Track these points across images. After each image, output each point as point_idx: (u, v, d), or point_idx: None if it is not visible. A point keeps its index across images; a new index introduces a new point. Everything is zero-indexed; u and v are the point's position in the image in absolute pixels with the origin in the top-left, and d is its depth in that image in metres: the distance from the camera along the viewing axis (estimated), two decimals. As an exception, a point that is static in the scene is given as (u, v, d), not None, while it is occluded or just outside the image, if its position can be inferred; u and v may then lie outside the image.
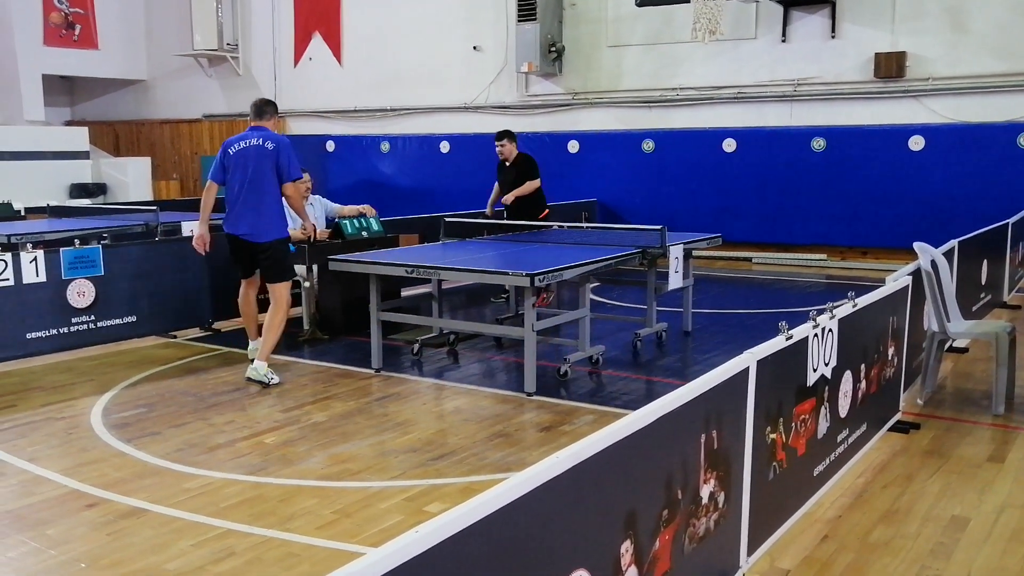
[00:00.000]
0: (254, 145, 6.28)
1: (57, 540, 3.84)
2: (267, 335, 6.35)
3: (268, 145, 6.26)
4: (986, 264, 8.01)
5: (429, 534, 1.71)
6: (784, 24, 12.43)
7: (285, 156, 6.26)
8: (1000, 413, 5.51)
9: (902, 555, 3.63)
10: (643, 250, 6.89)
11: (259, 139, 6.29)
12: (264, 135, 6.33)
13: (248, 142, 6.30)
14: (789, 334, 3.42)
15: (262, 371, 6.28)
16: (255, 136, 6.32)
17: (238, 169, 6.29)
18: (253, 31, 17.57)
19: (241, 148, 6.31)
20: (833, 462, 4.16)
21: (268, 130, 6.41)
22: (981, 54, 11.32)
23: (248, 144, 6.30)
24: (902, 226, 11.57)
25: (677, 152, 13.25)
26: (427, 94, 15.63)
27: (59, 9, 17.83)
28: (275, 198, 6.34)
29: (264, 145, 6.26)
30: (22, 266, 6.63)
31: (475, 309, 9.47)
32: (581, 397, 5.99)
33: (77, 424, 5.48)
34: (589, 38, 14.01)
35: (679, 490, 2.69)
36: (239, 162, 6.29)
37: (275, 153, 6.24)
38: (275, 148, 6.25)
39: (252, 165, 6.24)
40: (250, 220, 6.29)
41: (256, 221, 6.29)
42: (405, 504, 4.20)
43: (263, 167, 6.24)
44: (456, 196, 14.70)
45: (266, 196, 6.29)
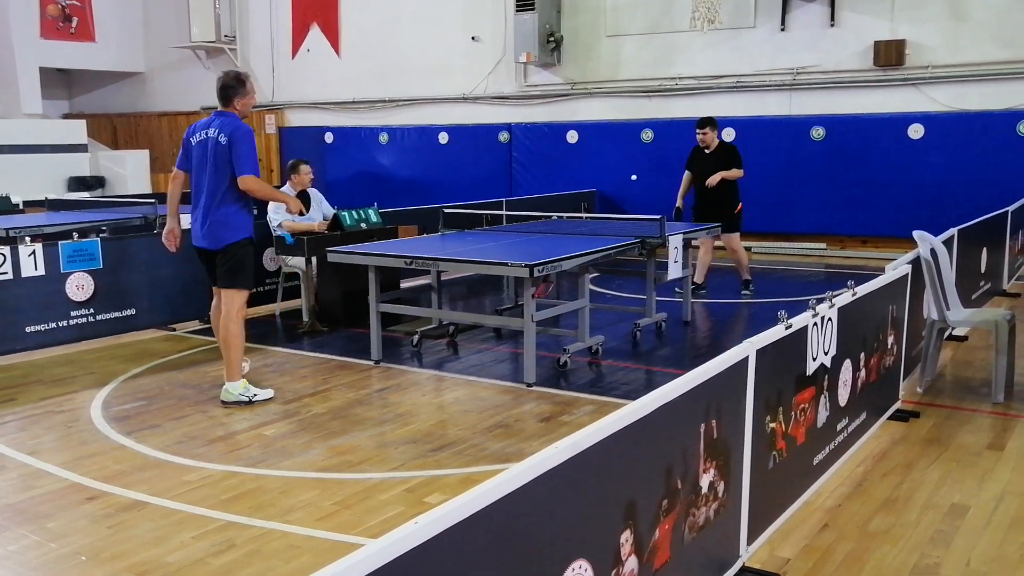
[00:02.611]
0: (210, 138, 5.51)
1: (58, 533, 3.84)
2: (225, 352, 5.67)
3: (222, 139, 5.44)
4: (986, 252, 8.00)
5: (428, 525, 1.71)
6: (783, 12, 12.38)
7: (237, 149, 5.42)
8: (1000, 401, 5.51)
9: (902, 543, 3.63)
10: (642, 240, 6.89)
11: (216, 130, 5.49)
12: (222, 125, 5.50)
13: (206, 133, 5.55)
14: (788, 323, 3.42)
15: (235, 392, 5.64)
16: (214, 126, 5.53)
17: (196, 167, 5.61)
18: (251, 23, 17.52)
19: (200, 140, 5.58)
20: (833, 451, 4.16)
21: (231, 118, 5.56)
22: (981, 42, 11.28)
23: (206, 136, 5.54)
24: (902, 214, 11.55)
25: (676, 142, 13.18)
26: (425, 85, 15.59)
27: (56, 2, 17.78)
28: (234, 199, 5.53)
29: (218, 139, 5.46)
30: (21, 260, 6.62)
31: (474, 300, 9.46)
32: (581, 387, 5.99)
33: (77, 417, 5.48)
34: (588, 28, 13.97)
35: (679, 480, 2.69)
36: (198, 158, 5.58)
37: (227, 148, 5.43)
38: (227, 142, 5.43)
39: (209, 163, 5.51)
40: (207, 226, 5.58)
41: (213, 227, 5.56)
42: (405, 495, 4.20)
43: (218, 165, 5.47)
44: (455, 187, 14.69)
45: (223, 197, 5.51)
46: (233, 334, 5.64)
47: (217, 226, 5.54)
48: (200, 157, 5.56)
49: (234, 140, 5.42)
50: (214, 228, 5.55)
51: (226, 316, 5.64)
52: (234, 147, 5.42)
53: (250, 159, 5.47)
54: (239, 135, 5.44)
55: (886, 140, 11.86)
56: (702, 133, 9.03)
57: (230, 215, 5.56)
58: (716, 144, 9.10)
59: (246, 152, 5.44)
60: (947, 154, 11.52)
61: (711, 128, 9.04)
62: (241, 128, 5.50)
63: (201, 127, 5.61)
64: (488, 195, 13.40)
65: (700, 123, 9.08)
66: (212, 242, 5.59)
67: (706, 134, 9.02)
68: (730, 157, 9.03)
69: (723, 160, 8.99)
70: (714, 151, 9.07)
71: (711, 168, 8.97)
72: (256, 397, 5.67)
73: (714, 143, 9.08)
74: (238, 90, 5.59)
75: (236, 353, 5.67)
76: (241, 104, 5.61)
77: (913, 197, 11.71)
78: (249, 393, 5.66)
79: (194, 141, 5.61)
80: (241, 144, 5.42)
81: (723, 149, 9.13)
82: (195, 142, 5.60)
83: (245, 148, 5.44)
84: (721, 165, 8.95)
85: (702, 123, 9.06)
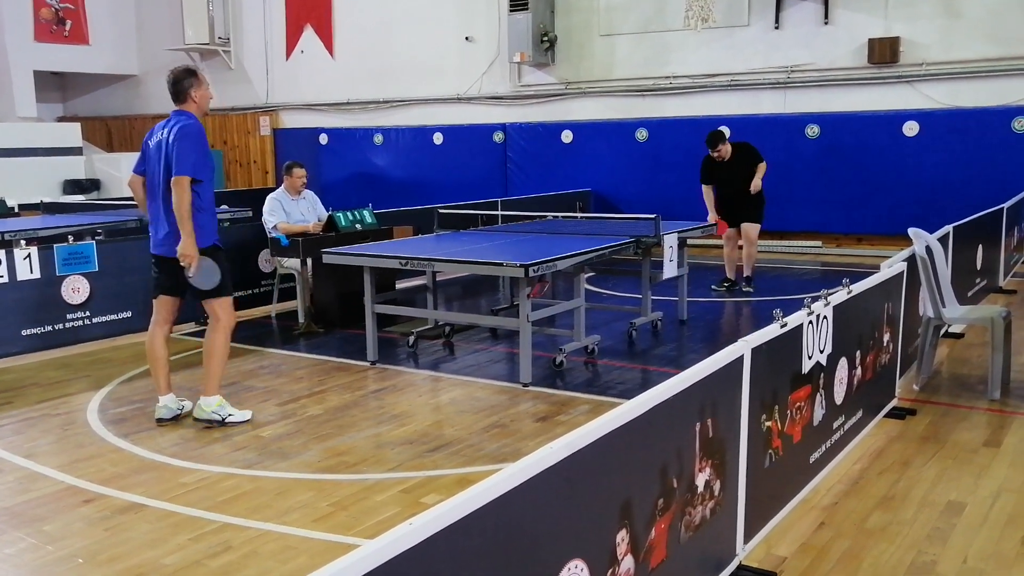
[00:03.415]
0: (163, 140, 5.11)
1: (54, 536, 3.83)
2: (208, 363, 5.27)
3: (171, 138, 5.05)
4: (981, 249, 8.01)
5: (423, 526, 1.71)
6: (777, 11, 12.39)
7: (177, 147, 4.99)
8: (996, 398, 5.52)
9: (898, 541, 3.64)
10: (637, 239, 6.89)
11: (168, 131, 5.11)
12: (173, 125, 5.11)
13: (161, 134, 5.16)
14: (783, 321, 3.42)
15: (209, 408, 5.25)
16: (168, 126, 5.15)
17: (151, 171, 5.21)
18: (244, 24, 17.50)
19: (156, 142, 5.18)
20: (829, 449, 4.17)
21: (187, 116, 5.16)
22: (975, 39, 11.30)
23: (160, 137, 5.16)
24: (897, 212, 11.57)
25: (671, 141, 13.23)
26: (420, 85, 15.59)
27: (49, 5, 17.75)
28: (194, 204, 5.06)
29: (169, 139, 5.06)
30: (16, 263, 6.61)
31: (470, 300, 9.46)
32: (577, 387, 5.99)
33: (73, 420, 5.47)
34: (581, 27, 13.97)
35: (674, 479, 2.69)
36: (153, 161, 5.18)
37: (173, 146, 5.02)
38: (175, 138, 5.02)
39: (163, 166, 5.10)
40: (171, 233, 5.11)
41: (173, 234, 5.09)
42: (402, 496, 4.20)
43: (169, 167, 5.06)
44: (450, 187, 14.68)
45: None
46: (218, 345, 5.26)
47: (174, 234, 5.06)
48: (155, 160, 5.16)
49: (177, 137, 5.01)
50: (172, 236, 5.09)
51: (213, 325, 5.29)
52: (176, 144, 5.00)
53: (187, 159, 4.99)
54: (183, 132, 5.03)
55: (881, 138, 11.88)
56: (717, 152, 8.95)
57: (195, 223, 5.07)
58: (731, 151, 9.04)
59: (185, 150, 4.99)
60: (942, 151, 11.54)
61: (722, 143, 8.97)
62: (188, 126, 5.07)
63: (158, 129, 5.23)
64: (483, 195, 13.39)
65: (711, 142, 8.97)
66: (172, 250, 5.09)
67: (720, 151, 8.96)
68: (751, 156, 9.00)
69: (746, 162, 8.97)
70: (731, 158, 9.01)
71: (738, 174, 8.96)
72: (231, 418, 5.26)
73: (728, 154, 9.02)
74: (191, 82, 5.20)
75: (218, 365, 5.28)
76: (198, 96, 5.21)
77: (908, 194, 11.73)
78: (223, 412, 5.27)
79: (151, 143, 5.23)
80: (183, 141, 5.00)
81: (740, 152, 9.06)
82: (152, 144, 5.22)
83: (186, 146, 5.00)
84: (747, 167, 8.94)
85: (713, 142, 8.96)
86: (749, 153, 9.05)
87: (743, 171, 8.96)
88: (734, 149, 9.07)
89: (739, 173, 8.96)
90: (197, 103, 5.25)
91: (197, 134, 5.09)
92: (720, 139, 9.00)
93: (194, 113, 5.24)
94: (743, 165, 8.96)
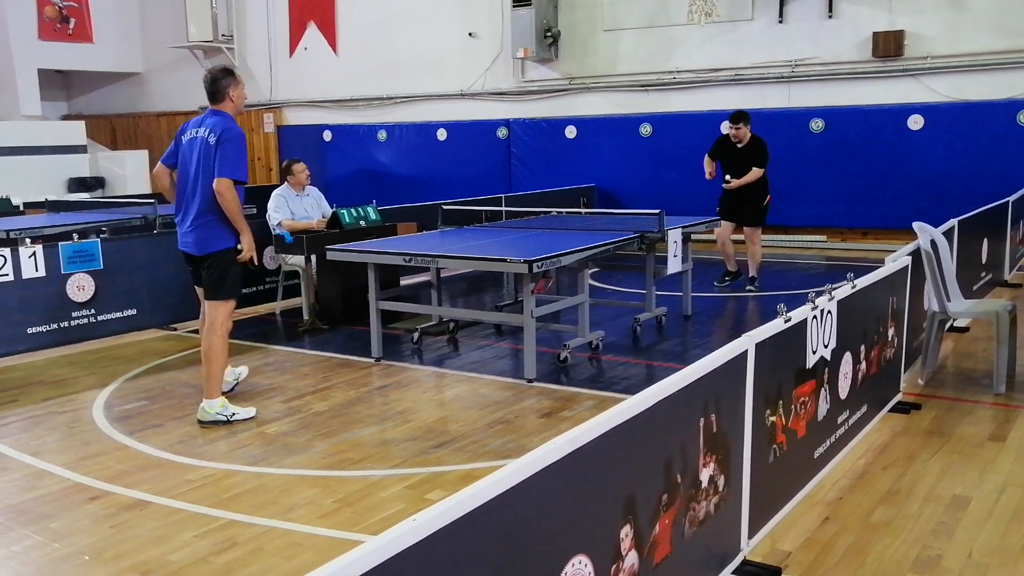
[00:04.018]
0: (200, 138, 5.20)
1: (61, 533, 3.85)
2: (207, 366, 5.30)
3: (211, 139, 5.12)
4: (986, 243, 8.00)
5: (427, 522, 1.71)
6: (781, 4, 12.35)
7: (223, 150, 5.08)
8: (1001, 392, 5.50)
9: (903, 535, 3.63)
10: (641, 235, 6.88)
11: (207, 130, 5.18)
12: (214, 125, 5.18)
13: (196, 131, 5.26)
14: (788, 316, 3.42)
15: (213, 411, 5.27)
16: (205, 125, 5.23)
17: (183, 166, 5.30)
18: (248, 22, 17.51)
19: (190, 138, 5.29)
20: (834, 444, 4.16)
21: (224, 117, 5.24)
22: (980, 31, 11.26)
23: (196, 134, 5.25)
24: (902, 206, 11.54)
25: (675, 136, 13.20)
26: (423, 82, 15.58)
27: (53, 3, 17.77)
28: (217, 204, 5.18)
29: (208, 139, 5.14)
30: (21, 261, 6.62)
31: (474, 296, 9.46)
32: (581, 383, 5.99)
33: (79, 418, 5.49)
34: (585, 22, 13.95)
35: (678, 474, 2.69)
36: (186, 157, 5.28)
37: (215, 148, 5.09)
38: (216, 142, 5.10)
39: (197, 164, 5.19)
40: (193, 230, 5.25)
41: (199, 232, 5.23)
42: (406, 492, 4.21)
43: (207, 167, 5.13)
44: (454, 183, 14.68)
45: (211, 202, 5.16)
46: (216, 348, 5.27)
47: (203, 231, 5.21)
48: (187, 156, 5.25)
49: (222, 141, 5.09)
50: (199, 233, 5.22)
51: (209, 328, 5.31)
52: (220, 147, 5.07)
53: (232, 163, 5.09)
54: (229, 136, 5.11)
55: (886, 131, 11.84)
56: (735, 129, 8.73)
57: (217, 221, 5.20)
58: (748, 138, 8.81)
59: (232, 154, 5.09)
60: (947, 145, 11.51)
61: (745, 124, 8.71)
62: (232, 130, 5.16)
63: (193, 125, 5.32)
64: (487, 191, 13.40)
65: (734, 118, 8.74)
66: (197, 247, 5.26)
67: (739, 129, 8.72)
68: (755, 153, 8.79)
69: (751, 157, 8.77)
70: (744, 146, 8.80)
71: (739, 163, 8.77)
72: (235, 416, 5.29)
73: (747, 138, 8.78)
74: (229, 81, 5.26)
75: (218, 368, 5.32)
76: (235, 96, 5.29)
77: (913, 188, 11.70)
78: (227, 412, 5.29)
79: (184, 139, 5.32)
80: (228, 145, 5.09)
81: (753, 145, 8.83)
82: (185, 140, 5.31)
83: (231, 150, 5.09)
84: (747, 161, 8.76)
85: (736, 118, 8.73)
86: (757, 151, 8.83)
87: (743, 165, 8.79)
88: (752, 141, 8.85)
89: (739, 165, 8.79)
90: (234, 102, 5.33)
91: (239, 138, 5.19)
92: (743, 118, 8.74)
93: (231, 113, 5.32)
94: (746, 159, 8.80)
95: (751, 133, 8.88)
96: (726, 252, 9.27)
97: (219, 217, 5.20)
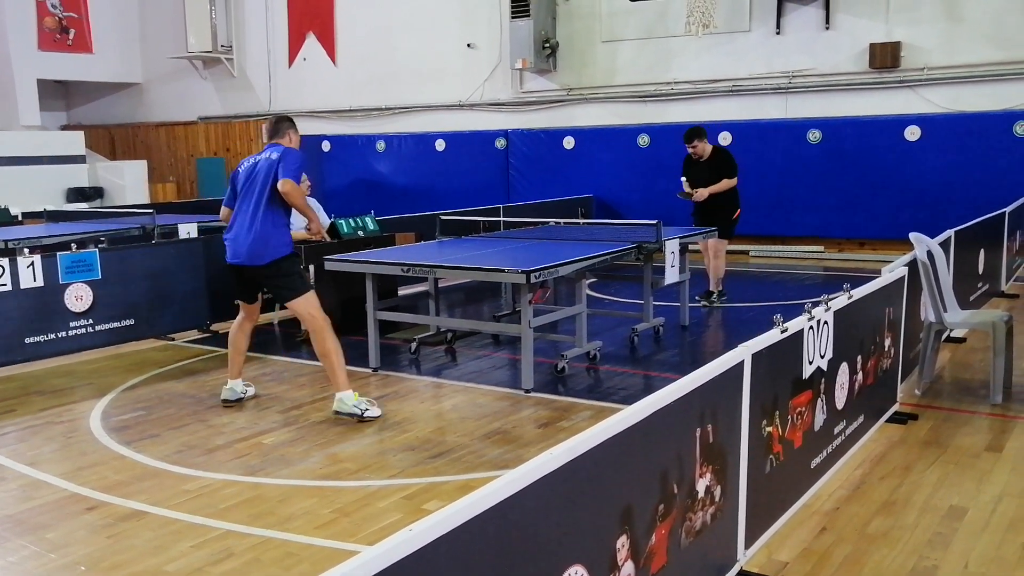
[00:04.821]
0: (261, 160, 5.61)
1: (57, 544, 3.84)
2: (326, 364, 5.57)
3: (273, 156, 5.56)
4: (983, 253, 8.01)
5: (423, 532, 1.71)
6: (778, 16, 12.42)
7: (285, 159, 5.50)
8: (998, 402, 5.51)
9: (900, 546, 3.64)
10: (639, 245, 6.90)
11: (268, 153, 5.62)
12: (274, 149, 5.63)
13: (256, 159, 5.68)
14: (784, 327, 3.43)
15: (350, 402, 5.47)
16: (265, 152, 5.66)
17: (243, 190, 5.63)
18: (247, 32, 17.57)
19: (249, 166, 5.69)
20: (830, 454, 4.17)
21: (282, 146, 5.69)
22: (976, 43, 11.31)
23: (256, 160, 5.66)
24: (899, 217, 11.57)
25: (673, 147, 13.18)
26: (422, 92, 15.63)
27: (53, 14, 17.83)
28: (280, 216, 5.56)
29: (270, 157, 5.57)
30: (19, 271, 6.62)
31: (472, 307, 9.47)
32: (579, 393, 5.99)
33: (76, 428, 5.49)
34: (583, 34, 14.01)
35: (675, 484, 2.69)
36: (246, 181, 5.63)
37: (278, 161, 5.50)
38: (279, 156, 5.52)
39: (257, 182, 5.54)
40: (249, 243, 5.51)
41: (255, 243, 5.49)
42: (404, 502, 4.21)
43: (267, 182, 5.51)
44: (452, 194, 14.71)
45: (270, 214, 5.50)
46: (326, 346, 5.51)
47: (259, 243, 5.47)
48: (246, 179, 5.61)
49: (284, 155, 5.51)
50: (256, 244, 5.48)
51: (312, 331, 5.59)
52: (283, 159, 5.48)
53: (293, 168, 5.48)
54: (289, 151, 5.57)
55: (882, 142, 11.89)
56: (692, 147, 8.76)
57: (274, 232, 5.51)
58: (709, 152, 8.82)
59: (293, 162, 5.49)
60: (944, 156, 11.55)
61: (699, 139, 8.74)
62: (296, 151, 5.63)
63: (250, 158, 5.75)
64: (485, 201, 13.43)
65: (687, 137, 8.78)
66: (254, 258, 5.51)
67: (695, 147, 8.75)
68: (722, 164, 8.75)
69: (715, 168, 8.73)
70: (707, 159, 8.80)
71: (704, 177, 8.73)
72: (367, 413, 5.45)
73: (707, 152, 8.79)
74: (289, 126, 5.77)
75: (337, 362, 5.52)
76: (293, 137, 5.74)
77: (910, 199, 11.74)
78: (362, 406, 5.47)
79: (241, 170, 5.72)
80: (290, 155, 5.52)
81: (715, 156, 8.83)
82: (242, 170, 5.71)
83: (292, 158, 5.51)
84: (714, 174, 8.71)
85: (689, 137, 8.76)
86: (722, 162, 8.78)
87: (711, 178, 8.72)
88: (714, 152, 8.84)
89: (707, 178, 8.72)
90: (292, 142, 5.75)
91: (300, 154, 5.63)
92: (696, 135, 8.76)
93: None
94: (713, 171, 8.73)
95: (712, 146, 8.87)
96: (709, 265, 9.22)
97: (275, 230, 5.52)
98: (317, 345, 5.59)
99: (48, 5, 17.72)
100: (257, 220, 5.49)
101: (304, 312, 5.61)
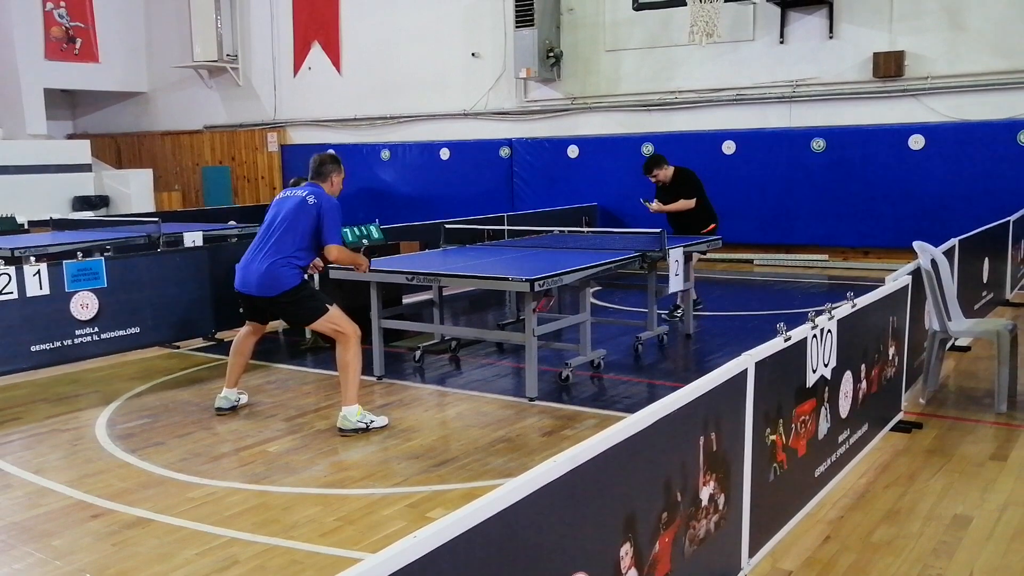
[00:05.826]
0: (297, 196, 5.55)
1: (63, 551, 3.85)
2: (343, 376, 5.51)
3: (310, 199, 5.49)
4: (987, 262, 8.01)
5: (427, 539, 1.72)
6: (782, 25, 12.45)
7: (328, 218, 5.46)
8: (1003, 411, 5.51)
9: (904, 555, 3.63)
10: (643, 254, 6.91)
11: (305, 192, 5.56)
12: (312, 190, 5.58)
13: (293, 193, 5.63)
14: (787, 335, 3.43)
15: (353, 418, 5.41)
16: (304, 189, 5.61)
17: (270, 219, 5.61)
18: (252, 42, 17.64)
19: (282, 198, 5.67)
20: (834, 463, 4.17)
21: (321, 189, 5.62)
22: (980, 52, 11.32)
23: (292, 195, 5.61)
24: (903, 225, 11.56)
25: (677, 155, 13.15)
26: (426, 101, 15.67)
27: (60, 23, 17.92)
28: (298, 260, 5.50)
29: (306, 198, 5.50)
30: (25, 279, 6.65)
31: (476, 315, 9.48)
32: (583, 401, 6.00)
33: (82, 435, 5.50)
34: (587, 43, 14.04)
35: (678, 492, 2.70)
36: (276, 211, 5.61)
37: (315, 209, 5.45)
38: (316, 204, 5.46)
39: (286, 217, 5.50)
40: (261, 275, 5.47)
41: (265, 277, 5.46)
42: (408, 510, 4.21)
43: (297, 219, 5.46)
44: (457, 202, 14.74)
45: (290, 255, 5.46)
46: (348, 358, 5.47)
47: (270, 277, 5.45)
48: (278, 210, 5.58)
49: (325, 209, 5.47)
50: (266, 279, 5.46)
51: (337, 341, 5.54)
52: (325, 216, 5.45)
53: (336, 231, 5.50)
54: (330, 206, 5.51)
55: (886, 151, 11.89)
56: (652, 177, 8.79)
57: (287, 272, 5.47)
58: (671, 175, 8.78)
59: (335, 223, 5.50)
60: (948, 164, 11.55)
61: (657, 168, 8.74)
62: (333, 201, 5.58)
63: (289, 189, 5.74)
64: (489, 210, 13.45)
65: (646, 169, 8.78)
66: (264, 290, 5.51)
67: (656, 176, 8.77)
68: (684, 186, 8.73)
69: (677, 190, 8.73)
70: (670, 184, 8.79)
71: (671, 200, 8.75)
72: (373, 424, 5.45)
73: (668, 177, 8.78)
74: (335, 167, 5.72)
75: (354, 377, 5.47)
76: (336, 181, 5.71)
77: (914, 208, 11.73)
78: (366, 420, 5.45)
79: (277, 197, 5.74)
80: (332, 214, 5.49)
81: (676, 178, 8.80)
82: (278, 198, 5.72)
83: (334, 218, 5.49)
84: (673, 196, 8.73)
85: (648, 168, 8.77)
86: (681, 184, 8.76)
87: (672, 200, 8.74)
88: (675, 175, 8.81)
89: (672, 201, 8.74)
90: (333, 186, 5.71)
91: (338, 209, 5.58)
92: (655, 164, 8.76)
93: (327, 192, 5.66)
94: (673, 193, 8.73)
95: (673, 168, 8.83)
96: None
97: (288, 270, 5.49)
98: (340, 354, 5.55)
99: (55, 15, 17.81)
100: (273, 255, 5.46)
101: (329, 330, 5.58)
